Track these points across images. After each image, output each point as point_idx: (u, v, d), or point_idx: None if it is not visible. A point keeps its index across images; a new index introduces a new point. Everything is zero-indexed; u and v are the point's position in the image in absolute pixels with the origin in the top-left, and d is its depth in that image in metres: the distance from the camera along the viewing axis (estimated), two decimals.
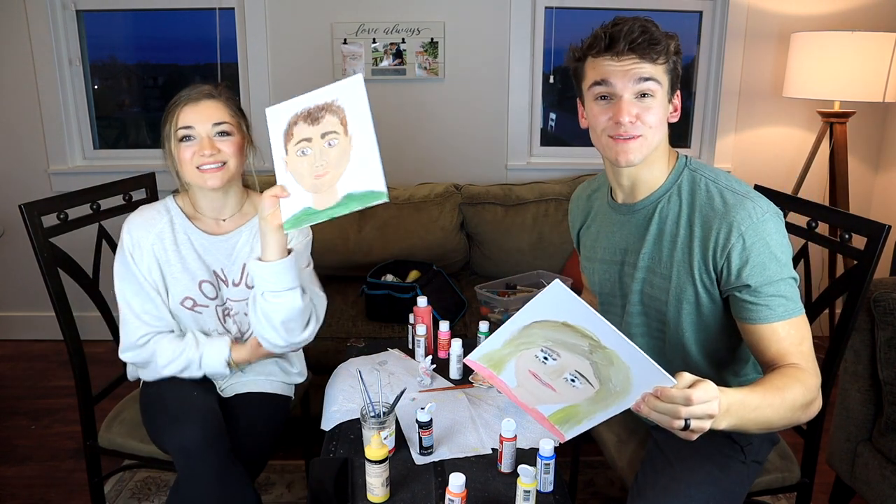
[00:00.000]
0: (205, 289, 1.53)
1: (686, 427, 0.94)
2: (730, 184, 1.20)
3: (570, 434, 1.11)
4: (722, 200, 1.18)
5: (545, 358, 1.07)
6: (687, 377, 0.94)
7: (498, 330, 1.09)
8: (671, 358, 1.31)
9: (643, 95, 1.16)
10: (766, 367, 1.17)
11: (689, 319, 1.25)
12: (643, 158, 1.20)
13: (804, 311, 1.17)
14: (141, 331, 1.49)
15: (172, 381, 1.51)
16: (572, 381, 1.06)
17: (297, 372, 1.71)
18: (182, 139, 1.42)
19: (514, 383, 1.13)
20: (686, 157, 1.27)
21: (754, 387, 1.06)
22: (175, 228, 1.51)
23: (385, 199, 1.19)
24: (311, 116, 1.23)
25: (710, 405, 0.93)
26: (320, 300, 1.58)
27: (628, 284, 1.33)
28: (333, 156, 1.22)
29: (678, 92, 1.22)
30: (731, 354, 1.32)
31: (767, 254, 1.13)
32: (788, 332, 1.14)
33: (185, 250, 1.51)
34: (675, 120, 1.24)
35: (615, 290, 1.38)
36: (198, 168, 1.43)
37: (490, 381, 1.17)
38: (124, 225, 1.51)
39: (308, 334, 1.47)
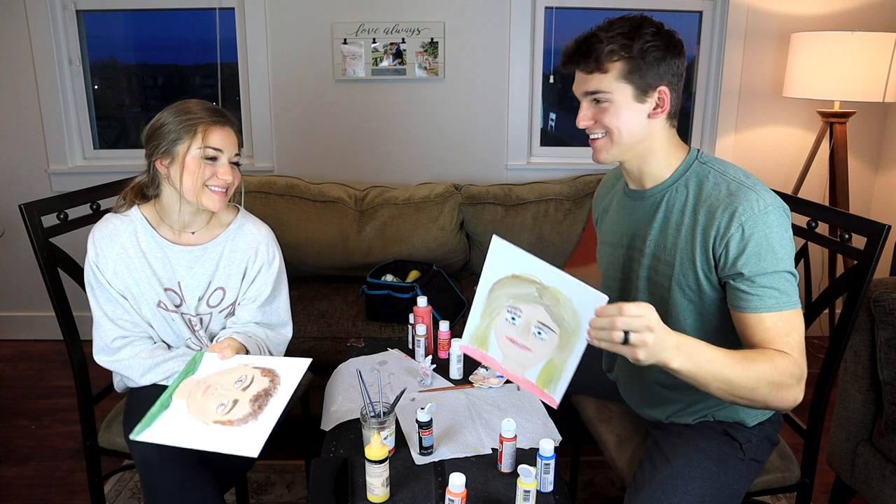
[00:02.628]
0: (169, 296, 1.53)
1: (626, 341, 0.98)
2: (737, 176, 1.21)
3: (557, 394, 1.11)
4: (728, 191, 1.19)
5: (513, 318, 1.13)
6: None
7: (472, 305, 1.14)
8: None
9: (598, 101, 1.22)
10: None
11: (689, 307, 1.27)
12: (615, 157, 1.26)
13: (800, 306, 1.17)
14: (115, 333, 1.49)
15: (137, 391, 1.51)
16: (539, 333, 1.10)
17: None
18: (208, 158, 1.44)
19: (501, 356, 1.16)
20: (698, 150, 1.29)
21: (720, 347, 1.09)
22: (139, 237, 1.51)
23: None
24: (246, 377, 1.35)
25: (645, 318, 0.98)
26: (283, 341, 1.63)
27: (635, 270, 1.35)
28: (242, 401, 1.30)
29: (661, 88, 1.21)
30: (729, 342, 1.32)
31: (766, 245, 1.14)
32: (775, 324, 1.15)
33: (151, 257, 1.51)
34: (660, 117, 1.23)
35: (618, 273, 1.40)
36: (209, 188, 1.45)
37: (483, 362, 1.20)
38: (89, 236, 1.50)
39: None
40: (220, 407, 1.28)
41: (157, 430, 1.26)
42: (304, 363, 1.35)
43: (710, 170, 1.24)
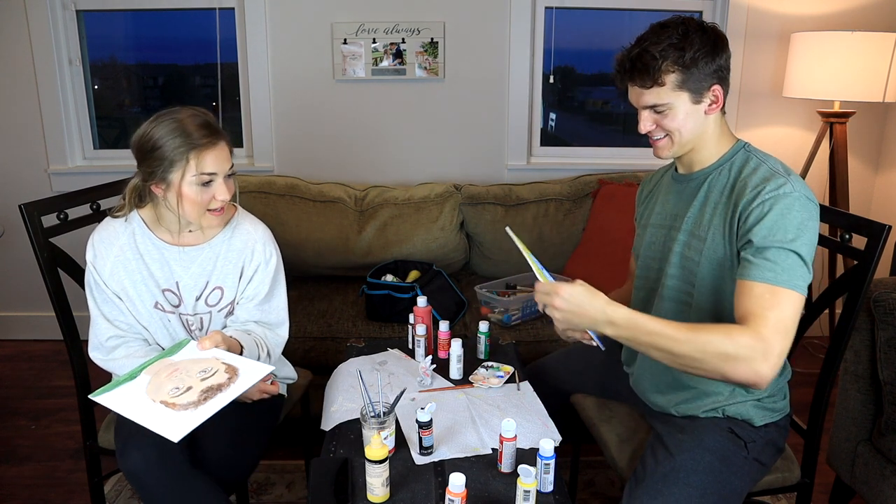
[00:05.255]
0: (167, 296, 1.53)
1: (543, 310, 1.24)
2: (776, 166, 1.28)
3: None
4: (763, 175, 1.25)
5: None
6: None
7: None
8: (695, 322, 1.33)
9: (657, 111, 1.29)
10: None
11: (716, 282, 1.30)
12: (675, 153, 1.35)
13: (798, 290, 1.16)
14: (109, 332, 1.50)
15: None
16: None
17: (283, 375, 1.72)
18: (204, 183, 1.42)
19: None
20: (746, 142, 1.36)
21: (662, 319, 1.20)
22: (137, 240, 1.51)
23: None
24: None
25: (549, 298, 1.21)
26: (280, 342, 1.63)
27: (670, 247, 1.39)
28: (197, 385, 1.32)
29: (714, 87, 1.28)
30: None
31: (780, 222, 1.18)
32: (762, 294, 1.16)
33: (149, 259, 1.51)
34: (716, 111, 1.31)
35: (657, 253, 1.45)
36: (209, 211, 1.45)
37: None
38: (89, 239, 1.51)
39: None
40: (173, 389, 1.30)
41: (114, 396, 1.31)
42: (265, 369, 1.36)
43: (752, 157, 1.32)
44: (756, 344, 1.13)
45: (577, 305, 1.19)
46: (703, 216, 1.33)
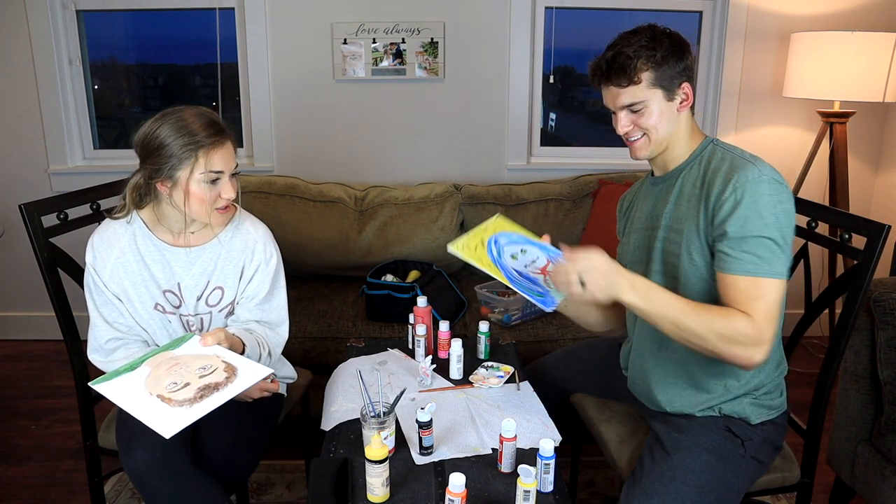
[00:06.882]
0: (168, 297, 1.53)
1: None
2: (743, 154, 1.31)
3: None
4: (731, 164, 1.29)
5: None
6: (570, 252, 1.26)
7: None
8: None
9: (633, 110, 1.34)
10: None
11: (696, 273, 1.32)
12: (652, 153, 1.39)
13: (780, 277, 1.21)
14: (109, 334, 1.50)
15: None
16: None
17: (283, 374, 1.72)
18: (211, 181, 1.42)
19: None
20: (714, 138, 1.40)
21: (674, 293, 1.25)
22: (138, 241, 1.51)
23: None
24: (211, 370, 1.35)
25: (566, 274, 1.23)
26: (280, 342, 1.63)
27: (652, 245, 1.42)
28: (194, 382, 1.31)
29: (684, 84, 1.35)
30: None
31: (754, 210, 1.21)
32: (746, 287, 1.21)
33: (150, 260, 1.51)
34: (686, 109, 1.38)
35: (642, 256, 1.46)
36: (216, 209, 1.46)
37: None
38: (89, 241, 1.51)
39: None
40: (171, 384, 1.30)
41: (112, 386, 1.32)
42: (263, 371, 1.35)
43: (719, 149, 1.36)
44: (750, 331, 1.19)
45: (614, 272, 1.22)
46: (679, 210, 1.36)
